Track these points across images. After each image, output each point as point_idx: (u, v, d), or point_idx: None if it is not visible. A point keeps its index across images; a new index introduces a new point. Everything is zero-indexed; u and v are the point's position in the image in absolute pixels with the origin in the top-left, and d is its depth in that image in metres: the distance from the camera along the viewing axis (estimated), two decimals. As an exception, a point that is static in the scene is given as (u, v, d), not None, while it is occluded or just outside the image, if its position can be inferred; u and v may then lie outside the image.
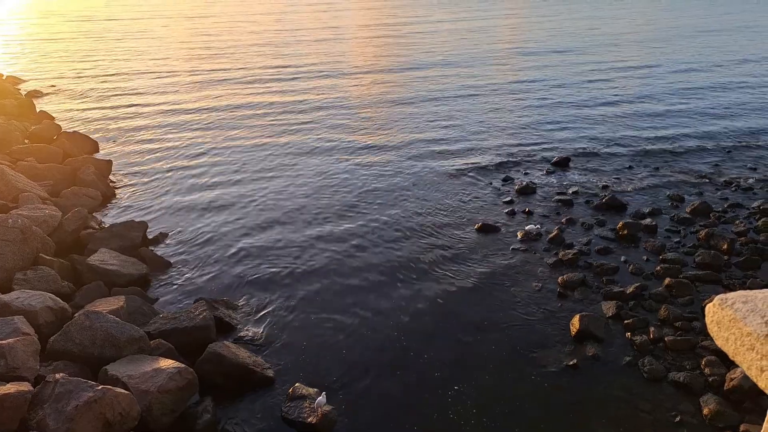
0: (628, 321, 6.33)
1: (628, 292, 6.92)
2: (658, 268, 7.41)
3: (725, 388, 5.24)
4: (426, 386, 5.40)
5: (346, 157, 11.89)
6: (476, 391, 5.33)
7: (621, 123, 14.06)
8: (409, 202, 9.61)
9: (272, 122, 14.02)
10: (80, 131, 12.88)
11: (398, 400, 5.21)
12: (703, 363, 5.57)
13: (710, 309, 1.08)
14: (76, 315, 5.67)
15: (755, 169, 10.99)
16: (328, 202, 9.61)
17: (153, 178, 10.77)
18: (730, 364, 5.48)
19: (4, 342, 4.85)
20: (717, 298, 1.10)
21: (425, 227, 8.66)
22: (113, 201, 9.77)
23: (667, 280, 7.07)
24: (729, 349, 1.03)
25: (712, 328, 1.07)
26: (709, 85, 17.99)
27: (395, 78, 19.98)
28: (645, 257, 7.78)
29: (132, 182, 10.58)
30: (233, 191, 10.07)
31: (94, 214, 9.11)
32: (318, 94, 17.03)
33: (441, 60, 23.38)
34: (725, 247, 7.81)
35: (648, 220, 8.70)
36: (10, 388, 4.17)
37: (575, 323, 6.24)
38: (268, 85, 18.21)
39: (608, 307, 6.68)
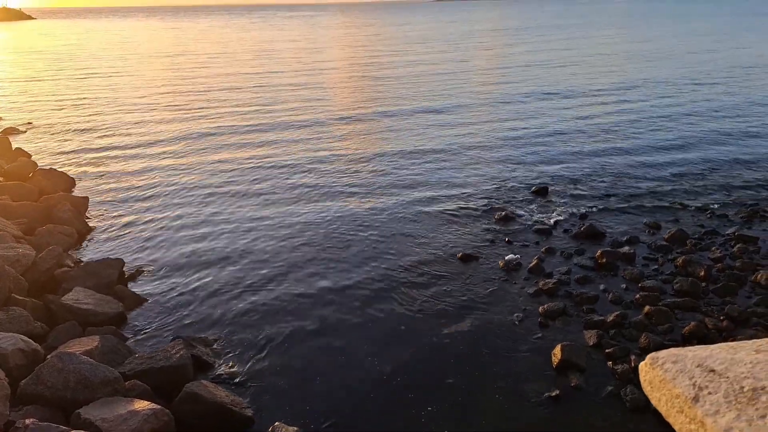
0: (609, 350, 6.39)
1: (608, 320, 6.99)
2: (638, 296, 7.51)
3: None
4: (406, 419, 5.35)
5: (327, 192, 11.96)
6: (460, 424, 5.29)
7: (598, 152, 14.39)
8: (389, 233, 9.67)
9: (252, 159, 14.08)
10: (57, 168, 12.80)
11: (380, 437, 5.16)
12: (684, 390, 5.61)
13: (642, 368, 1.06)
14: (48, 357, 5.56)
15: (729, 194, 11.29)
16: (309, 237, 9.62)
17: (130, 214, 10.71)
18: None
19: (-29, 387, 4.73)
20: (648, 357, 1.07)
21: (405, 258, 8.70)
22: (89, 238, 9.67)
23: (646, 308, 7.17)
24: (662, 410, 1.02)
25: (645, 387, 1.07)
26: (684, 112, 18.56)
27: (371, 111, 20.29)
28: (624, 285, 7.89)
29: (109, 219, 10.50)
30: (211, 227, 10.04)
31: (69, 252, 9.00)
32: (297, 131, 17.19)
33: (419, 92, 23.83)
34: (702, 274, 7.96)
35: (626, 248, 8.86)
36: (-23, 435, 4.04)
37: (557, 353, 6.28)
38: (247, 121, 18.35)
39: (589, 336, 6.73)
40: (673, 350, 1.10)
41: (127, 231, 9.96)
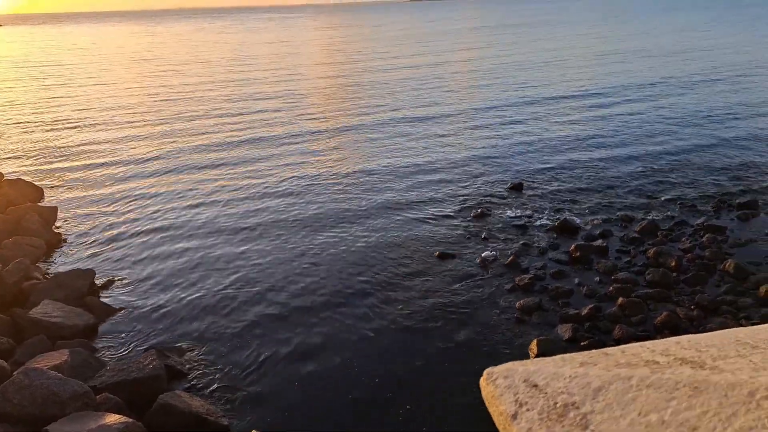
0: (584, 342, 6.44)
1: (583, 314, 7.04)
2: (611, 288, 7.59)
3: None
4: (382, 420, 5.31)
5: (300, 195, 11.87)
6: (436, 421, 5.27)
7: (571, 148, 14.54)
8: (364, 234, 9.62)
9: (223, 170, 13.84)
10: (24, 178, 12.47)
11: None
12: (658, 380, 5.68)
13: (481, 384, 1.05)
14: (14, 374, 5.39)
15: (697, 186, 11.49)
16: (282, 243, 9.51)
17: (101, 225, 10.47)
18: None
19: (-68, 408, 4.56)
20: (485, 372, 1.05)
21: (381, 258, 8.67)
22: (59, 249, 9.43)
23: (620, 300, 7.24)
24: (499, 426, 1.00)
25: (486, 403, 1.06)
26: (653, 109, 18.86)
27: (347, 113, 20.22)
28: (598, 279, 7.97)
29: (79, 229, 10.26)
30: (183, 237, 9.86)
31: (37, 264, 8.77)
32: (271, 140, 17.00)
33: (393, 94, 23.83)
34: (673, 264, 8.08)
35: (599, 242, 8.95)
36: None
37: (533, 348, 6.31)
38: (220, 132, 18.09)
39: (565, 330, 6.78)
40: (508, 365, 1.08)
41: (97, 241, 9.73)
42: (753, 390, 0.89)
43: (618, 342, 6.46)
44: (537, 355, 6.16)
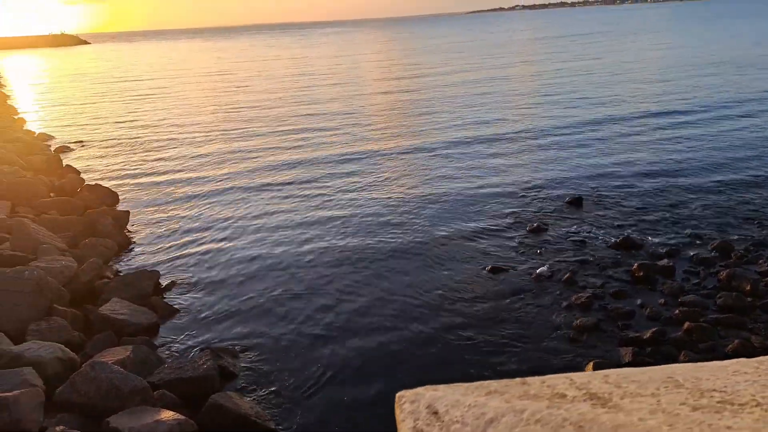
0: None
1: (645, 337, 6.70)
2: (677, 311, 7.18)
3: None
4: None
5: (361, 205, 12.01)
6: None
7: (637, 162, 13.94)
8: (418, 245, 9.59)
9: (290, 181, 14.15)
10: (102, 184, 13.31)
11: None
12: (724, 411, 5.31)
13: (394, 406, 1.02)
14: (83, 366, 5.72)
15: (778, 205, 10.73)
16: (343, 253, 9.61)
17: (169, 229, 11.00)
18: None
19: (8, 394, 4.91)
20: (396, 395, 1.02)
21: (433, 271, 8.61)
22: (128, 250, 9.98)
23: (686, 325, 6.84)
24: None
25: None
26: (731, 122, 17.82)
27: (409, 124, 20.32)
28: (662, 300, 7.57)
29: (147, 232, 10.82)
30: (246, 244, 10.17)
31: (109, 264, 9.31)
32: (339, 146, 17.34)
33: (454, 105, 23.75)
34: (748, 288, 7.56)
35: (665, 261, 8.50)
36: (8, 441, 4.19)
37: (589, 370, 6.05)
38: (286, 143, 18.61)
39: (625, 353, 6.47)
40: (419, 389, 1.05)
41: (164, 244, 10.23)
42: None
43: (682, 368, 6.09)
44: (591, 377, 5.91)
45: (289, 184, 13.75)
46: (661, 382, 1.01)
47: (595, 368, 6.03)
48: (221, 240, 10.31)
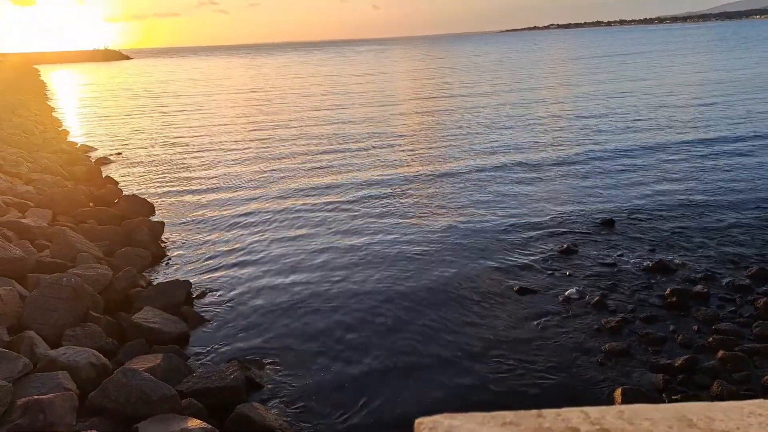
0: (676, 397, 5.97)
1: (676, 364, 6.54)
2: (711, 339, 6.99)
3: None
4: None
5: (391, 221, 12.08)
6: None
7: (673, 185, 13.68)
8: (446, 262, 9.59)
9: (325, 199, 14.31)
10: (139, 195, 13.73)
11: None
12: (759, 445, 5.14)
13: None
14: (115, 372, 5.89)
15: (821, 233, 10.37)
16: (373, 265, 9.70)
17: (201, 241, 11.26)
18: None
19: (44, 397, 5.09)
20: (416, 422, 1.04)
21: (460, 290, 8.58)
22: (162, 261, 10.25)
23: (720, 353, 6.66)
24: None
25: None
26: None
27: (442, 146, 20.39)
28: (696, 327, 7.38)
29: (181, 244, 11.10)
30: (277, 257, 10.34)
31: (143, 273, 9.57)
32: (371, 169, 17.50)
33: (487, 126, 23.75)
34: (786, 317, 7.32)
35: (699, 287, 8.30)
36: (43, 442, 4.33)
37: (617, 397, 5.94)
38: (322, 161, 18.86)
39: (655, 380, 6.33)
40: (436, 417, 1.06)
41: (197, 255, 10.47)
42: None
43: (716, 399, 5.93)
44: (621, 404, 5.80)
45: (319, 206, 13.80)
46: (674, 420, 1.01)
47: (623, 395, 5.91)
48: (251, 255, 10.50)
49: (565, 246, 9.98)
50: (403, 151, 19.30)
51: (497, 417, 1.05)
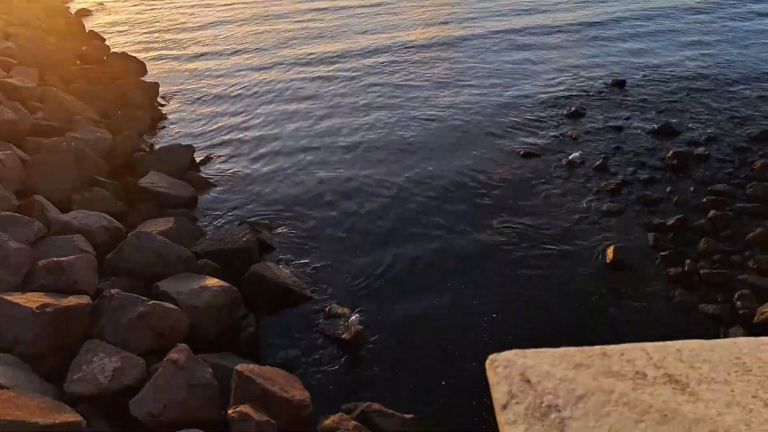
0: (665, 253, 6.32)
1: (668, 223, 6.83)
2: (705, 200, 7.22)
3: (754, 320, 5.27)
4: (456, 308, 5.66)
5: (398, 86, 11.74)
6: (505, 307, 5.56)
7: (687, 48, 13.10)
8: (451, 126, 9.54)
9: (330, 58, 13.58)
10: (127, 52, 13.15)
11: (429, 321, 5.53)
12: (736, 296, 5.58)
13: (486, 366, 1.10)
14: (129, 235, 6.14)
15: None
16: (378, 133, 9.61)
17: (200, 101, 11.04)
18: (763, 299, 5.47)
19: (64, 259, 5.35)
20: (489, 357, 1.09)
21: (466, 154, 8.65)
22: (161, 124, 10.15)
23: (711, 213, 6.92)
24: (495, 409, 1.06)
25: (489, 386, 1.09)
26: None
27: (446, 8, 19.08)
28: (692, 188, 7.58)
29: (179, 105, 10.90)
30: (283, 116, 10.19)
31: (144, 136, 9.52)
32: (376, 26, 16.44)
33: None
34: (782, 178, 7.48)
35: (701, 149, 8.37)
36: (72, 300, 4.67)
37: (609, 253, 6.30)
38: (328, 16, 17.60)
39: (647, 239, 6.65)
40: (509, 354, 1.12)
41: (197, 117, 10.34)
42: (713, 429, 0.94)
43: (702, 255, 6.28)
44: (612, 262, 6.17)
45: (319, 71, 13.00)
46: (731, 364, 1.08)
47: (614, 252, 6.25)
48: (252, 119, 10.34)
49: (573, 109, 9.85)
50: (404, 15, 18.08)
51: (566, 356, 1.12)
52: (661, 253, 6.34)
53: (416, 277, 6.14)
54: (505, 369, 1.09)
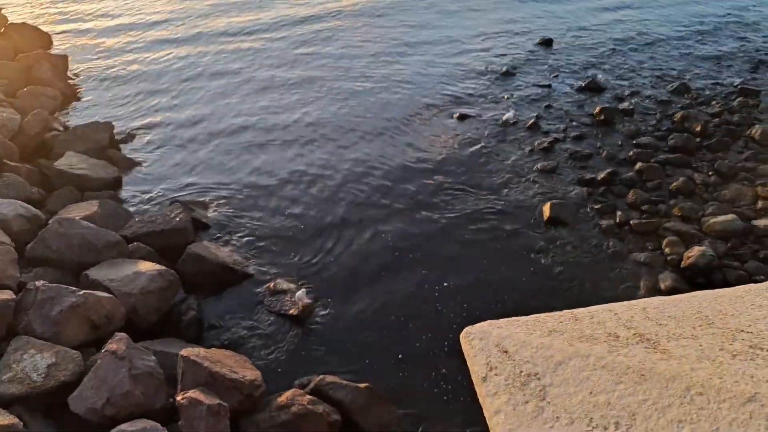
0: (597, 206, 6.61)
1: (599, 178, 7.12)
2: (631, 153, 7.57)
3: (682, 265, 5.62)
4: (403, 279, 5.70)
5: (330, 58, 11.44)
6: (453, 276, 5.65)
7: (607, 8, 13.46)
8: (379, 88, 9.45)
9: (254, 26, 13.04)
10: (29, 23, 12.06)
11: (377, 292, 5.54)
12: (665, 243, 5.92)
13: (461, 340, 1.11)
14: (49, 222, 5.74)
15: (742, 44, 10.83)
16: (298, 96, 9.40)
17: (114, 75, 10.33)
18: (689, 244, 5.84)
19: (-21, 253, 4.94)
20: (464, 330, 1.10)
21: (400, 119, 8.61)
22: (74, 100, 9.45)
23: (638, 165, 7.27)
24: (474, 383, 1.07)
25: (466, 359, 1.10)
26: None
27: None
28: (619, 142, 7.91)
29: (92, 79, 10.17)
30: (207, 91, 9.69)
31: (56, 115, 8.85)
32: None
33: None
34: (698, 129, 7.94)
35: (626, 104, 8.73)
36: (-7, 297, 4.33)
37: (546, 210, 6.51)
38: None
39: (580, 193, 6.92)
40: (483, 326, 1.14)
41: (113, 92, 9.69)
42: (689, 385, 0.98)
43: (631, 206, 6.61)
44: (549, 219, 6.38)
45: (243, 38, 12.53)
46: (694, 319, 1.13)
47: (551, 208, 6.46)
48: (174, 91, 9.78)
49: (504, 70, 9.97)
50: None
51: (537, 322, 1.13)
52: (594, 207, 6.62)
53: (361, 248, 6.11)
54: (481, 341, 1.09)
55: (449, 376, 4.60)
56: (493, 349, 1.08)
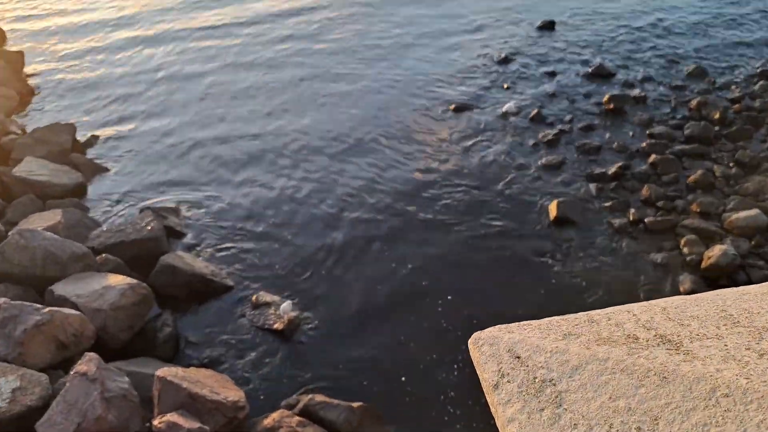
0: (608, 204, 6.72)
1: (610, 172, 7.24)
2: (644, 144, 7.69)
3: (702, 266, 5.74)
4: (396, 286, 5.78)
5: (312, 54, 11.54)
6: (453, 279, 5.74)
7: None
8: (375, 79, 9.54)
9: (226, 24, 13.10)
10: (-21, 17, 12.13)
11: (368, 302, 5.62)
12: (683, 242, 6.04)
13: (469, 346, 1.15)
14: (9, 234, 5.79)
15: (762, 28, 11.00)
16: (283, 97, 9.48)
17: (73, 73, 10.39)
18: (709, 243, 5.96)
19: (-67, 270, 5.00)
20: (473, 336, 1.14)
21: (394, 109, 8.71)
22: (32, 100, 9.51)
23: (651, 157, 7.39)
24: (484, 390, 1.10)
25: (474, 366, 1.13)
26: None
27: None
28: (631, 133, 8.04)
29: (51, 77, 10.23)
30: (168, 89, 9.77)
31: (12, 117, 8.91)
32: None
33: None
34: (717, 116, 8.07)
35: (637, 91, 8.86)
36: (-50, 317, 4.39)
37: (552, 209, 6.61)
38: None
39: (589, 190, 7.03)
40: (493, 331, 1.17)
41: (73, 92, 9.76)
42: (714, 387, 1.01)
43: (645, 203, 6.72)
44: (556, 218, 6.48)
45: (207, 36, 12.50)
46: (718, 318, 1.16)
47: (558, 207, 6.57)
48: (140, 89, 9.85)
49: (503, 56, 10.09)
50: None
51: (551, 326, 1.16)
52: (605, 204, 6.73)
53: (350, 254, 6.19)
54: (491, 347, 1.12)
55: (450, 390, 4.69)
56: (505, 354, 1.10)
